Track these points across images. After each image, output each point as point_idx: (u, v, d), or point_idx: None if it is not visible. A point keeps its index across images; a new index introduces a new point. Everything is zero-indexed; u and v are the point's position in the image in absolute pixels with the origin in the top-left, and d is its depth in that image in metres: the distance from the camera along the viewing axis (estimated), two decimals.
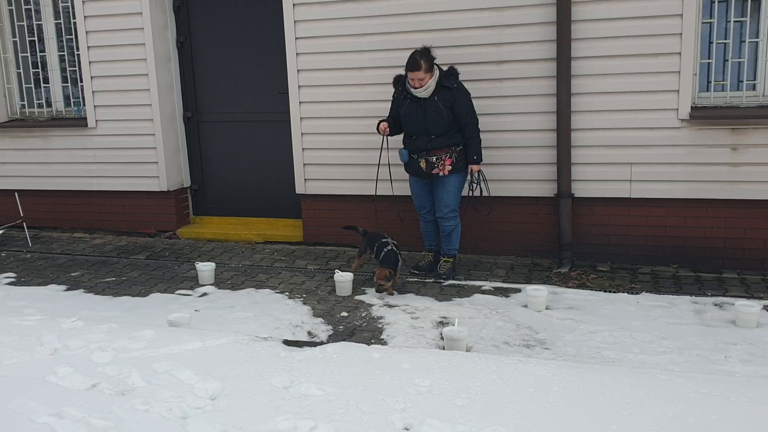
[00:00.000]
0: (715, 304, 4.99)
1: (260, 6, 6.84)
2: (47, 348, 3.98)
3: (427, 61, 5.30)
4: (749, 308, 4.59)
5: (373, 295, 5.38)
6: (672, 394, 3.29)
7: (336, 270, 5.62)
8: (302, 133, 6.58)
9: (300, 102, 6.53)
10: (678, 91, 5.57)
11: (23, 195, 7.39)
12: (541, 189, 6.03)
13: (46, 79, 7.58)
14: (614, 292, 5.31)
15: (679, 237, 5.82)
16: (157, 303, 5.36)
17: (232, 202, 7.42)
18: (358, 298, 5.37)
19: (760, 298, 5.05)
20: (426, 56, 5.31)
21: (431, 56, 5.36)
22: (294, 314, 5.00)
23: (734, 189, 5.61)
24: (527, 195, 6.09)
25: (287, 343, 4.05)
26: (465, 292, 5.42)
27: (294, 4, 6.35)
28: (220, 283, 5.82)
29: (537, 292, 5.01)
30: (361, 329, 4.76)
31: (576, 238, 6.00)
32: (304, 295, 5.46)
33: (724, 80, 5.71)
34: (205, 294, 5.57)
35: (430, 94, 5.39)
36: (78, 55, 7.25)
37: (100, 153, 7.30)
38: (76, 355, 3.88)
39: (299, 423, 3.12)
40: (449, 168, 5.48)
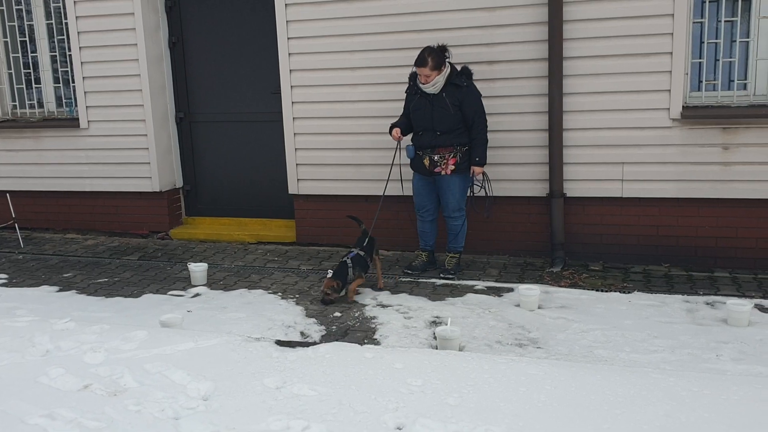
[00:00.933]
0: (707, 303, 5.01)
1: (252, 6, 6.83)
2: (39, 349, 3.97)
3: (435, 59, 5.33)
4: (741, 307, 4.61)
5: (366, 295, 5.38)
6: (664, 392, 3.31)
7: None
8: (295, 134, 6.58)
9: (292, 102, 6.52)
10: (669, 90, 5.59)
11: (15, 196, 7.37)
12: (533, 189, 6.04)
13: (37, 80, 7.55)
14: (606, 292, 5.33)
15: (671, 236, 5.84)
16: (150, 304, 5.35)
17: (225, 202, 7.41)
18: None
19: (752, 297, 5.07)
20: (435, 54, 5.34)
21: (443, 55, 5.39)
22: (287, 315, 5.00)
23: (726, 188, 5.63)
24: (520, 195, 6.10)
25: (280, 343, 4.05)
26: (458, 291, 5.42)
27: (286, 4, 6.35)
28: (212, 283, 5.81)
29: (529, 291, 5.02)
30: (354, 329, 4.76)
31: (568, 237, 6.01)
32: (297, 296, 5.46)
33: (715, 80, 5.73)
34: (197, 295, 5.56)
35: (438, 91, 5.41)
36: (70, 55, 7.22)
37: (92, 154, 7.28)
38: (68, 356, 3.87)
39: (292, 423, 3.12)
40: (452, 168, 5.49)
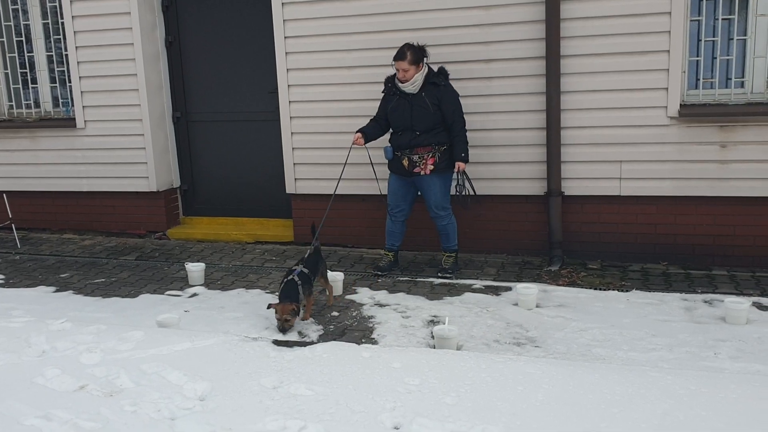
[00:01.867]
0: (705, 301, 5.01)
1: (249, 5, 6.82)
2: (35, 350, 3.96)
3: (414, 54, 5.35)
4: (739, 305, 4.61)
5: (364, 295, 5.37)
6: (662, 391, 3.30)
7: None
8: (292, 133, 6.57)
9: (290, 101, 6.51)
10: (667, 88, 5.58)
11: (12, 196, 7.35)
12: (531, 187, 6.04)
13: (34, 80, 7.53)
14: (604, 290, 5.32)
15: (669, 234, 5.83)
16: (147, 304, 5.34)
17: (223, 202, 7.40)
18: (348, 297, 5.36)
19: (750, 295, 5.06)
20: (414, 49, 5.37)
21: (422, 53, 5.41)
22: None
23: (723, 186, 5.63)
24: (517, 193, 6.09)
25: (277, 343, 4.04)
26: (455, 290, 5.41)
27: (283, 4, 6.33)
28: (210, 283, 5.80)
29: (527, 290, 5.01)
30: (352, 329, 4.75)
31: (566, 236, 6.00)
32: None
33: (712, 78, 5.72)
34: (195, 294, 5.55)
35: (417, 90, 5.43)
36: (66, 55, 7.20)
37: (89, 153, 7.27)
38: (65, 357, 3.86)
39: (288, 423, 3.11)
40: (431, 167, 5.49)
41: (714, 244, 5.74)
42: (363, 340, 4.47)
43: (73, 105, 7.29)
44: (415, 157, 5.51)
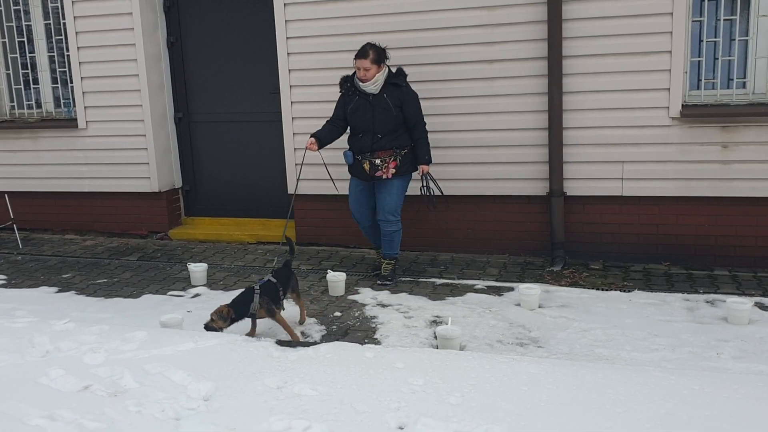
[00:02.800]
0: (707, 302, 5.01)
1: (251, 6, 6.82)
2: (39, 350, 3.96)
3: (376, 53, 5.31)
4: (741, 305, 4.61)
5: (366, 295, 5.38)
6: (665, 390, 3.31)
7: (328, 270, 5.61)
8: (294, 133, 6.57)
9: (291, 102, 6.51)
10: (669, 89, 5.59)
11: (13, 197, 7.35)
12: (533, 188, 6.04)
13: (35, 80, 7.54)
14: (607, 290, 5.32)
15: (671, 235, 5.83)
16: (149, 304, 5.34)
17: (224, 202, 7.40)
18: (351, 297, 5.37)
19: (752, 295, 5.07)
20: (376, 48, 5.33)
21: (383, 52, 5.37)
22: (287, 314, 4.98)
23: (725, 187, 5.63)
24: (519, 194, 6.09)
25: (280, 343, 4.04)
26: (458, 291, 5.42)
27: (285, 4, 6.34)
28: (212, 283, 5.80)
29: (530, 290, 5.01)
30: (355, 329, 4.75)
31: (568, 236, 6.01)
32: None
33: (714, 78, 5.73)
34: (197, 295, 5.55)
35: (378, 90, 5.37)
36: (68, 55, 7.21)
37: (90, 154, 7.27)
38: (68, 357, 3.86)
39: (293, 423, 3.11)
40: (393, 171, 5.46)
41: (716, 245, 5.75)
42: (366, 341, 4.48)
43: (74, 105, 7.29)
44: (377, 161, 5.43)
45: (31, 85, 7.57)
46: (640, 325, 4.61)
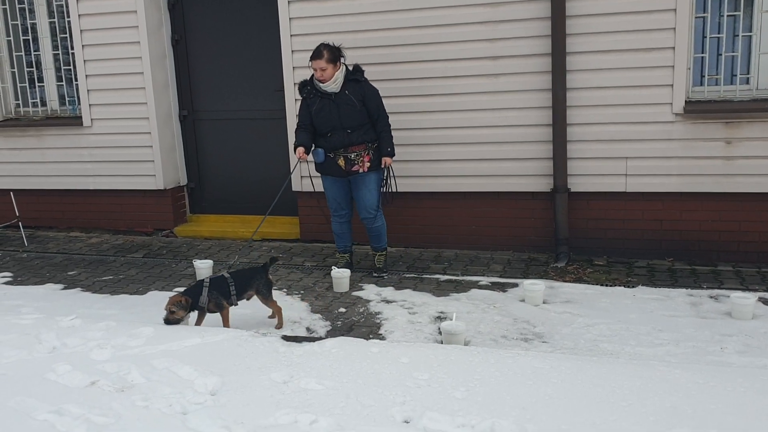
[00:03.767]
0: (711, 297, 5.02)
1: (255, 3, 6.84)
2: (46, 346, 3.98)
3: (331, 52, 5.34)
4: (744, 300, 4.63)
5: (371, 291, 5.39)
6: (669, 384, 3.32)
7: (333, 267, 5.63)
8: None
9: (296, 99, 6.51)
10: (672, 85, 5.60)
11: (19, 194, 7.38)
12: (537, 184, 6.05)
13: (40, 78, 7.56)
14: (611, 286, 5.33)
15: (675, 230, 5.84)
16: (155, 301, 5.35)
17: (229, 199, 7.42)
18: (355, 294, 5.38)
19: (755, 290, 5.08)
20: (330, 48, 5.36)
21: (338, 51, 5.40)
22: (292, 310, 5.01)
23: (728, 182, 5.64)
24: (524, 190, 6.11)
25: (286, 338, 4.07)
26: (462, 287, 5.43)
27: (289, 2, 6.35)
28: None
29: (534, 286, 5.03)
30: (360, 324, 4.77)
31: (572, 232, 6.02)
32: (302, 292, 5.47)
33: (717, 74, 5.73)
34: None
35: (339, 88, 5.40)
36: (73, 53, 7.23)
37: (95, 152, 7.30)
38: (75, 353, 3.88)
39: (299, 417, 3.13)
40: (368, 165, 5.50)
41: (719, 240, 5.76)
42: (371, 336, 4.50)
43: (79, 103, 7.31)
44: (353, 155, 5.48)
45: (36, 84, 7.60)
46: (644, 320, 4.62)
